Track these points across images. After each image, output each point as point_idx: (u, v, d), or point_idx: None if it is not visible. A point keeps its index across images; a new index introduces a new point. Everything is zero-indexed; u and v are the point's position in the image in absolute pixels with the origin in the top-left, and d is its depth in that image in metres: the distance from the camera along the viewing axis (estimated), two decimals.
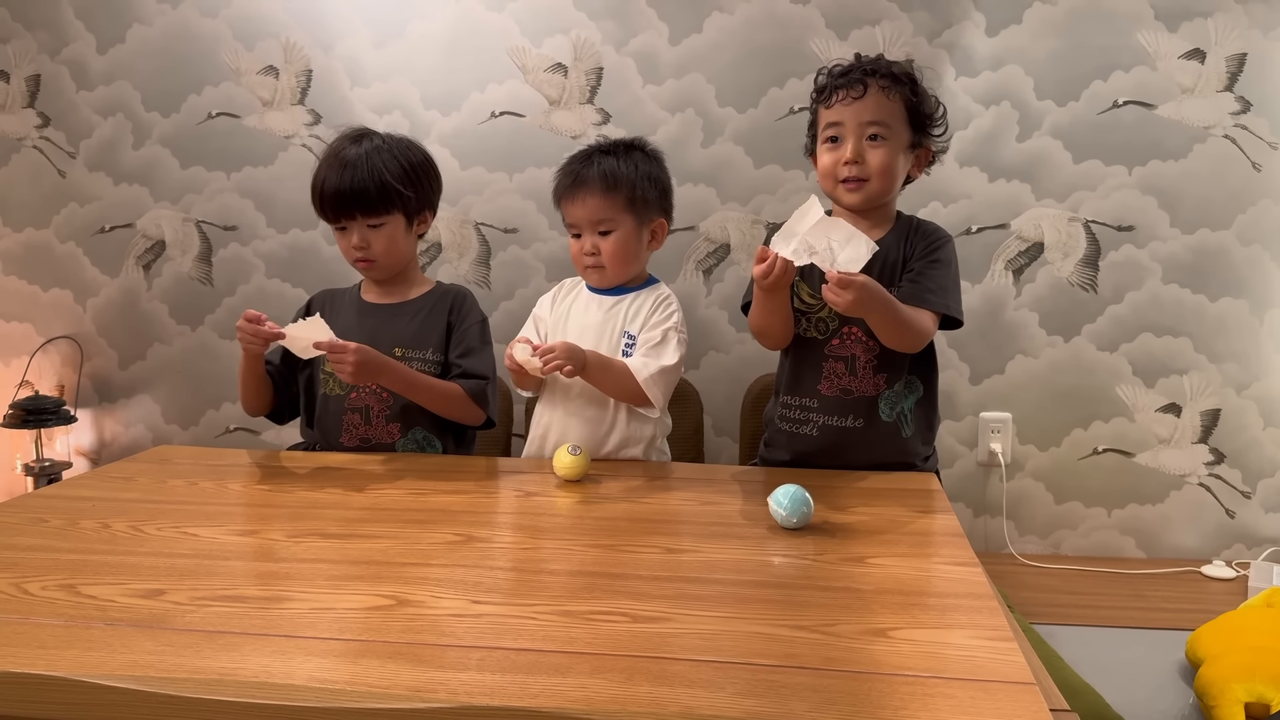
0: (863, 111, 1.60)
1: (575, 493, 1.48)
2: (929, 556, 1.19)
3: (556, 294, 1.84)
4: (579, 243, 1.73)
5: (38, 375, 2.76)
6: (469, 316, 1.84)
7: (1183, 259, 2.37)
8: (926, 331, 1.61)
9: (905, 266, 1.65)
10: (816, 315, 1.68)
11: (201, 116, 2.63)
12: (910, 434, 1.69)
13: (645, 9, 2.44)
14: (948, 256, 1.66)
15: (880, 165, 1.61)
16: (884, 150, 1.61)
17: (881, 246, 1.60)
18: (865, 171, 1.61)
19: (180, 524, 1.30)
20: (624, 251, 1.70)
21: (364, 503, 1.42)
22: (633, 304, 1.73)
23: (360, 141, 1.77)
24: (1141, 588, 2.28)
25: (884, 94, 1.61)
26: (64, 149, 2.69)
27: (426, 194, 1.84)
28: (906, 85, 1.62)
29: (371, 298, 1.89)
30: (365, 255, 1.78)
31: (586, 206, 1.69)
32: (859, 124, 1.61)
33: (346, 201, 1.74)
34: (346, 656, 0.90)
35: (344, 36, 2.55)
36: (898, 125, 1.62)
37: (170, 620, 0.98)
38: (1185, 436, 2.42)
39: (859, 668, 0.87)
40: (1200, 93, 2.32)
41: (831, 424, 1.68)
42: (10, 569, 1.13)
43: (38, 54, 2.67)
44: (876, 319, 1.56)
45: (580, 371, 1.60)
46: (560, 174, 1.75)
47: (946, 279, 1.64)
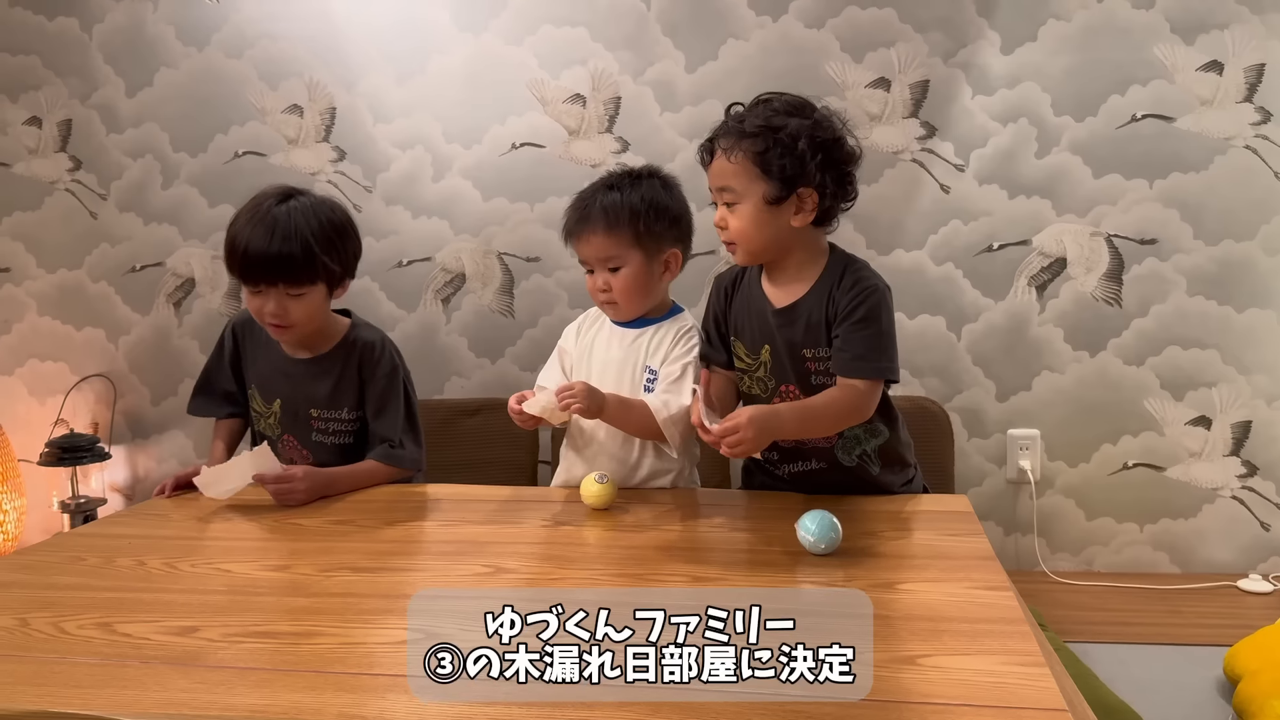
0: (713, 177, 1.54)
1: (603, 521, 1.49)
2: (959, 581, 1.18)
3: (581, 325, 1.83)
4: (592, 279, 1.71)
5: (72, 413, 2.81)
6: (376, 371, 1.79)
7: (1207, 271, 2.35)
8: (861, 406, 1.51)
9: (830, 327, 1.54)
10: (754, 375, 1.63)
11: (228, 156, 2.68)
12: (878, 471, 1.63)
13: (661, 38, 2.47)
14: (873, 313, 1.51)
15: (738, 229, 1.52)
16: (739, 214, 1.51)
17: (806, 305, 1.55)
18: (728, 235, 1.55)
19: (213, 560, 1.32)
20: (635, 286, 1.68)
21: (394, 535, 1.43)
22: (654, 336, 1.72)
23: (284, 200, 1.69)
24: (1177, 603, 2.26)
25: (725, 156, 1.49)
26: (95, 191, 2.75)
27: (349, 262, 1.77)
28: (754, 137, 1.47)
29: (288, 349, 1.82)
30: (280, 322, 1.69)
31: (592, 245, 1.67)
32: (715, 189, 1.55)
33: (270, 268, 1.64)
34: (376, 691, 0.91)
35: (366, 74, 2.59)
36: (745, 185, 1.49)
37: (204, 657, 0.99)
38: (1216, 449, 2.40)
39: (888, 696, 0.87)
40: (1219, 104, 2.31)
41: (797, 469, 1.65)
42: (48, 608, 1.15)
43: (69, 99, 2.73)
44: (795, 431, 1.51)
45: (598, 414, 1.59)
46: (567, 212, 1.72)
47: (877, 338, 1.51)
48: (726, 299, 1.68)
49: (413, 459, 1.80)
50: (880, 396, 1.55)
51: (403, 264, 2.64)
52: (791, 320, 1.56)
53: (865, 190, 2.37)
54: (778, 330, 1.57)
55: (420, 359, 2.66)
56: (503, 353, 2.63)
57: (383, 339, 1.84)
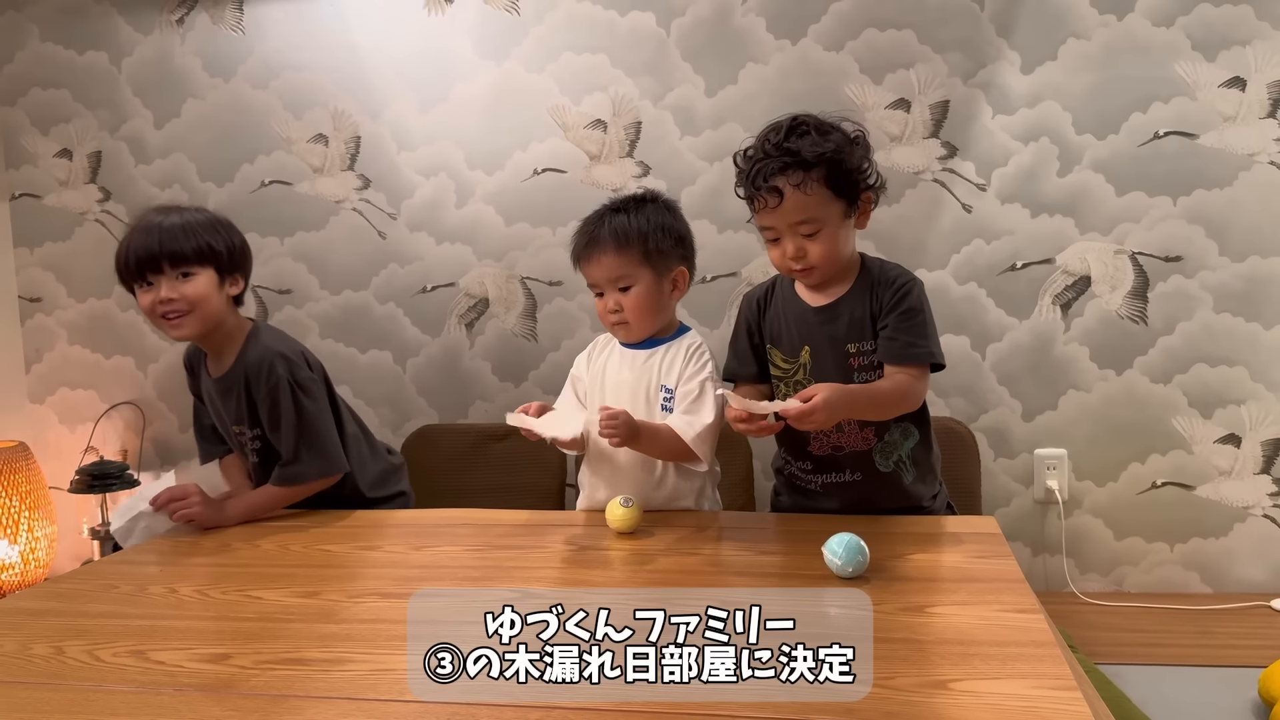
0: (787, 214, 1.54)
1: (628, 545, 1.49)
2: (989, 603, 1.18)
3: (591, 351, 1.84)
4: (602, 301, 1.71)
5: (102, 441, 2.84)
6: (262, 388, 1.77)
7: (1234, 287, 2.33)
8: (916, 392, 1.57)
9: (875, 321, 1.60)
10: (793, 379, 1.66)
11: (255, 185, 2.72)
12: (911, 479, 1.66)
13: (681, 63, 2.49)
14: (916, 302, 1.59)
15: (821, 254, 1.56)
16: (820, 241, 1.55)
17: (848, 301, 1.61)
18: (808, 263, 1.57)
19: (244, 587, 1.33)
20: (646, 305, 1.69)
21: (421, 560, 1.44)
22: (665, 356, 1.73)
23: (168, 213, 1.76)
24: (1209, 624, 2.23)
25: (800, 191, 1.51)
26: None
27: (237, 254, 1.79)
28: (821, 167, 1.52)
29: (211, 369, 1.84)
30: (173, 308, 1.70)
31: (603, 266, 1.68)
32: (789, 225, 1.56)
33: (154, 255, 1.69)
34: (406, 719, 0.91)
35: (390, 103, 2.62)
36: (825, 211, 1.54)
37: (236, 685, 1.00)
38: (1247, 467, 2.37)
39: None
40: (1243, 120, 2.30)
41: (830, 481, 1.67)
42: (83, 636, 1.16)
43: (98, 131, 2.78)
44: (860, 413, 1.54)
45: (633, 443, 1.61)
46: (575, 237, 1.74)
47: (924, 326, 1.59)
48: (759, 311, 1.72)
49: (310, 472, 1.77)
50: (927, 384, 1.60)
51: (427, 290, 2.66)
52: (834, 317, 1.62)
53: (887, 211, 2.40)
54: (819, 328, 1.63)
55: (444, 384, 2.69)
56: (526, 376, 2.64)
57: (268, 353, 1.78)
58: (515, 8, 2.54)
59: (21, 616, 1.25)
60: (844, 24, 2.42)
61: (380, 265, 2.68)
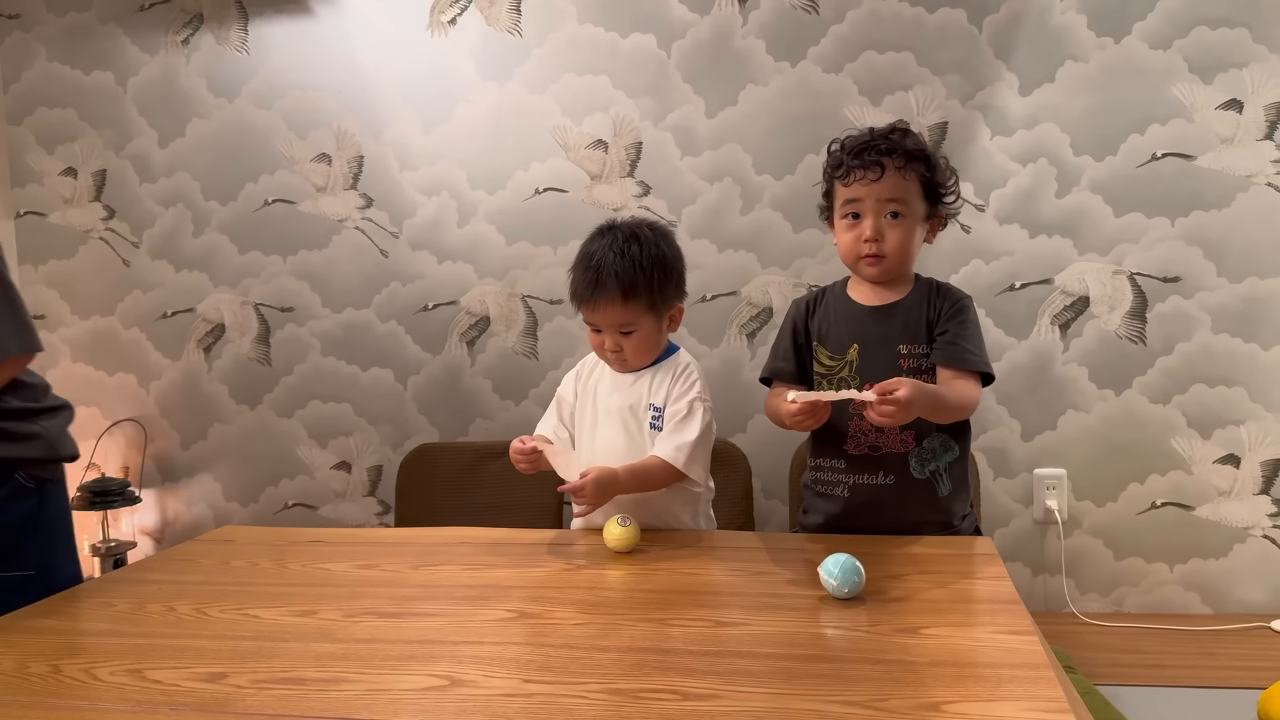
0: (881, 190, 1.62)
1: (626, 565, 1.49)
2: (984, 625, 1.18)
3: (581, 371, 1.84)
4: (600, 338, 1.71)
5: (104, 458, 2.85)
6: None
7: (1232, 308, 2.34)
8: (975, 399, 1.62)
9: (931, 328, 1.66)
10: (837, 376, 1.70)
11: (258, 204, 2.73)
12: (947, 493, 1.67)
13: (681, 85, 2.51)
14: (974, 317, 1.68)
15: (898, 242, 1.64)
16: (902, 227, 1.64)
17: (906, 304, 1.68)
18: (883, 249, 1.64)
19: (242, 605, 1.34)
20: (646, 346, 1.71)
21: (418, 579, 1.44)
22: (655, 377, 1.73)
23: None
24: (1209, 645, 2.22)
25: (900, 174, 1.62)
26: (128, 239, 2.81)
27: None
28: (921, 161, 1.64)
29: None
30: None
31: (609, 314, 1.67)
32: (877, 202, 1.63)
33: None
34: None
35: (393, 123, 2.64)
36: (914, 201, 1.64)
37: (232, 704, 1.01)
38: (1246, 488, 2.37)
39: None
40: (1240, 142, 2.31)
41: (862, 482, 1.68)
42: (80, 654, 1.17)
43: (103, 150, 2.80)
44: (931, 412, 1.56)
45: (610, 497, 1.62)
46: (576, 277, 1.70)
47: (979, 339, 1.66)
48: (808, 312, 1.77)
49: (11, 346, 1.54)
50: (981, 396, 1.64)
51: (428, 308, 2.67)
52: (889, 317, 1.68)
53: None
54: (873, 327, 1.68)
55: (445, 401, 2.69)
56: (526, 394, 2.65)
57: None
58: (517, 29, 2.57)
59: (19, 634, 1.26)
60: (843, 46, 2.44)
61: (382, 283, 2.69)
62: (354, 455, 2.75)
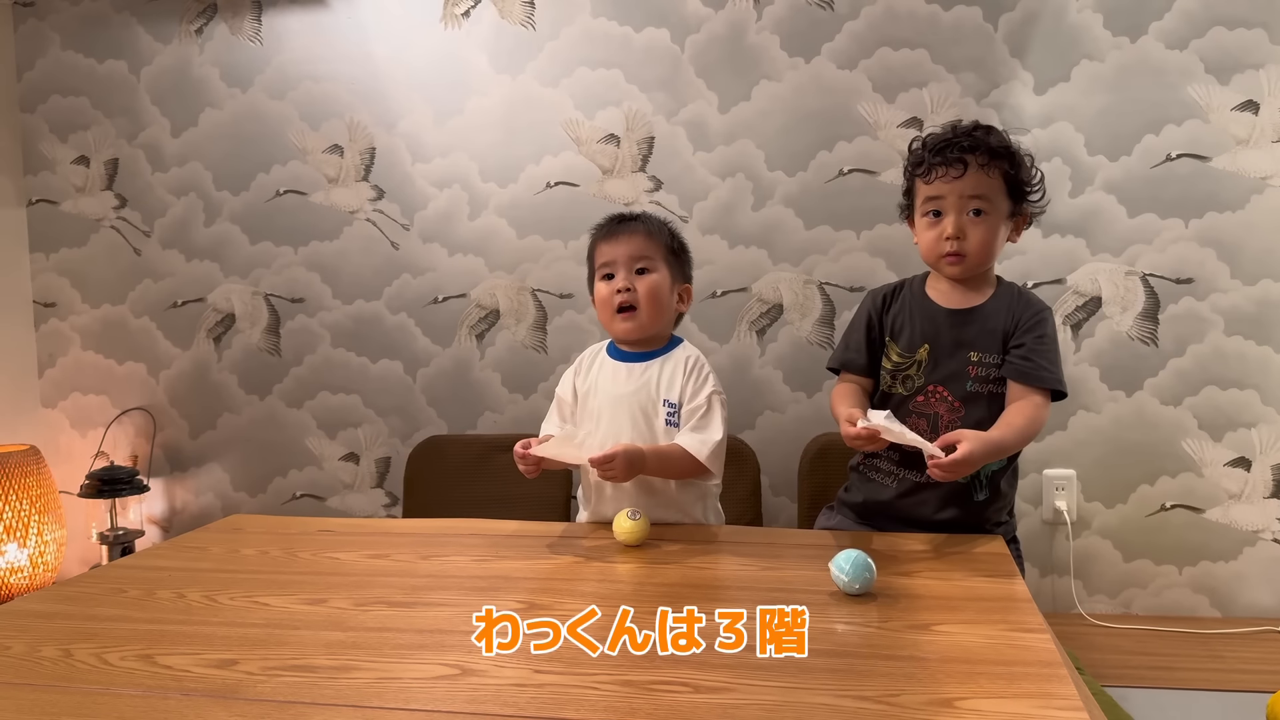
0: (964, 187, 1.60)
1: (635, 558, 1.49)
2: (996, 623, 1.17)
3: (579, 367, 1.82)
4: (610, 284, 1.71)
5: (113, 446, 2.86)
6: None
7: (1245, 311, 2.33)
8: (1040, 423, 1.59)
9: (1007, 338, 1.64)
10: (904, 373, 1.69)
11: (270, 194, 2.74)
12: (982, 499, 1.66)
13: (694, 79, 2.50)
14: (1052, 330, 1.65)
15: (981, 240, 1.61)
16: (985, 225, 1.61)
17: (985, 311, 1.65)
18: (965, 247, 1.62)
19: (252, 593, 1.34)
20: (658, 296, 1.70)
21: (428, 570, 1.44)
22: (663, 369, 1.72)
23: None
24: (1218, 648, 2.22)
25: (983, 170, 1.60)
26: (139, 228, 2.82)
27: None
28: (1005, 159, 1.62)
29: None
30: None
31: (632, 243, 1.70)
32: (960, 199, 1.61)
33: None
34: None
35: (405, 115, 2.64)
36: (998, 198, 1.62)
37: (243, 690, 1.01)
38: (1257, 491, 2.36)
39: None
40: (1255, 144, 2.30)
41: (909, 478, 1.68)
42: (91, 639, 1.17)
43: (116, 139, 2.81)
44: (995, 457, 1.56)
45: (634, 474, 1.62)
46: (597, 228, 1.79)
47: (1056, 354, 1.64)
48: (884, 305, 1.76)
49: None
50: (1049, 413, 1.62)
51: (438, 300, 2.67)
52: (968, 321, 1.66)
53: (901, 228, 2.39)
54: (948, 329, 1.66)
55: (454, 394, 2.69)
56: (535, 388, 2.65)
57: None
58: (531, 23, 2.56)
59: (30, 619, 1.26)
60: (858, 43, 2.43)
61: (392, 275, 2.69)
62: (362, 447, 2.75)
